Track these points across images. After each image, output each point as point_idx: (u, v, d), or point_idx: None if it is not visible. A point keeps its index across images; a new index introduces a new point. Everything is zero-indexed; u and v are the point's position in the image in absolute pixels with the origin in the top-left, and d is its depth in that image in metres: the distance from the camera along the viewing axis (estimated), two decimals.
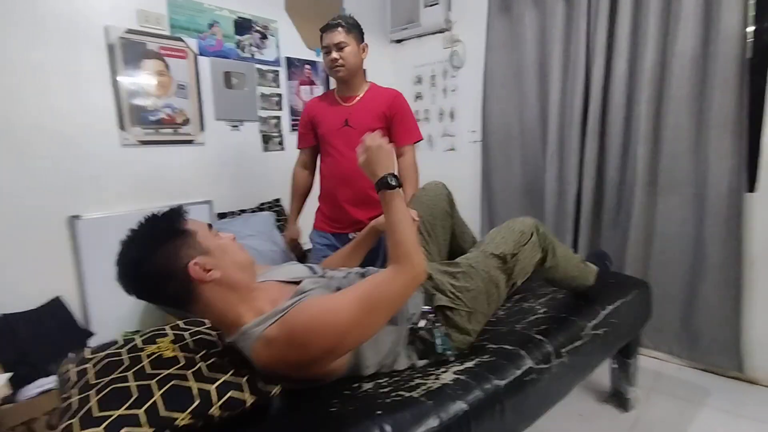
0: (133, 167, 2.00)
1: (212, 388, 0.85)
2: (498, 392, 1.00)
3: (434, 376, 1.01)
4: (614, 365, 1.74)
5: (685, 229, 1.97)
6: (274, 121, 2.55)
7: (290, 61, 2.60)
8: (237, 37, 2.35)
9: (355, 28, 1.72)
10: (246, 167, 2.43)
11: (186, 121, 2.16)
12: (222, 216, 2.29)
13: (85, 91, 1.85)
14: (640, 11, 2.00)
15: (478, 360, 1.09)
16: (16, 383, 1.47)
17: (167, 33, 2.07)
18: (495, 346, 1.16)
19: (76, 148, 1.83)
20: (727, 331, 1.88)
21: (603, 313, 1.39)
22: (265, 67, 2.48)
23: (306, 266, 1.19)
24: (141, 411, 0.79)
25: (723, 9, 1.75)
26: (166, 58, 2.06)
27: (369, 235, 1.36)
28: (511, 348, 1.14)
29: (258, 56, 2.44)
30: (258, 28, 2.43)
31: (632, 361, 1.68)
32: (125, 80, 1.94)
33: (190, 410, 0.82)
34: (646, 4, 1.96)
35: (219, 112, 2.29)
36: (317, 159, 1.92)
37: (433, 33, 2.87)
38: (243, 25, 2.37)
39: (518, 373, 1.06)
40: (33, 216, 1.73)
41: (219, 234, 0.99)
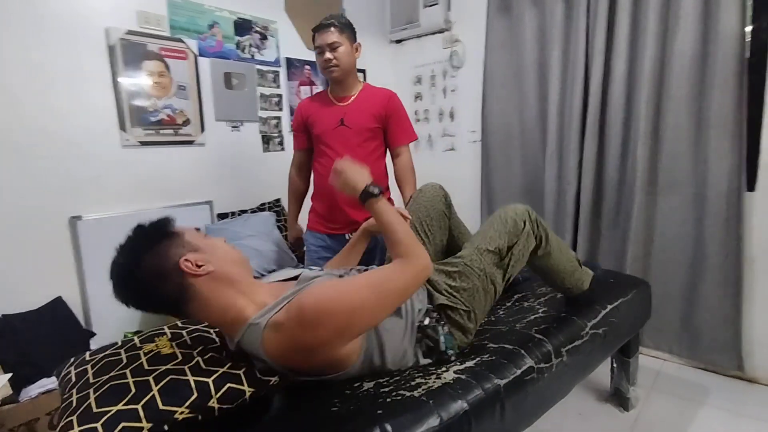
0: (134, 168, 2.01)
1: (210, 381, 0.85)
2: (498, 391, 1.00)
3: (435, 376, 1.02)
4: (614, 364, 1.74)
5: (685, 229, 1.97)
6: (274, 122, 2.56)
7: (290, 62, 2.60)
8: (237, 38, 2.35)
9: (348, 28, 1.71)
10: (246, 168, 2.44)
11: (186, 122, 2.16)
12: (222, 216, 2.30)
13: (86, 92, 1.85)
14: (640, 11, 2.00)
15: (479, 359, 1.09)
16: (18, 384, 1.47)
17: (167, 34, 2.08)
18: (495, 346, 1.17)
19: (77, 149, 1.84)
20: (727, 330, 1.88)
21: (603, 313, 1.40)
22: (265, 68, 2.49)
23: (305, 269, 1.20)
24: (139, 406, 0.79)
25: (722, 9, 1.76)
26: (167, 59, 2.07)
27: (362, 237, 1.36)
28: (512, 347, 1.14)
29: (258, 57, 2.45)
30: (258, 29, 2.44)
31: (632, 361, 1.68)
32: (126, 81, 1.95)
33: (189, 403, 0.82)
34: (646, 4, 1.96)
35: (219, 113, 2.29)
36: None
37: (433, 33, 2.87)
38: (243, 26, 2.37)
39: (518, 373, 1.06)
40: (34, 217, 1.74)
41: (208, 236, 1.00)
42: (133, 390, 0.82)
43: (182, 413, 0.81)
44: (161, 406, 0.80)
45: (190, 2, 2.16)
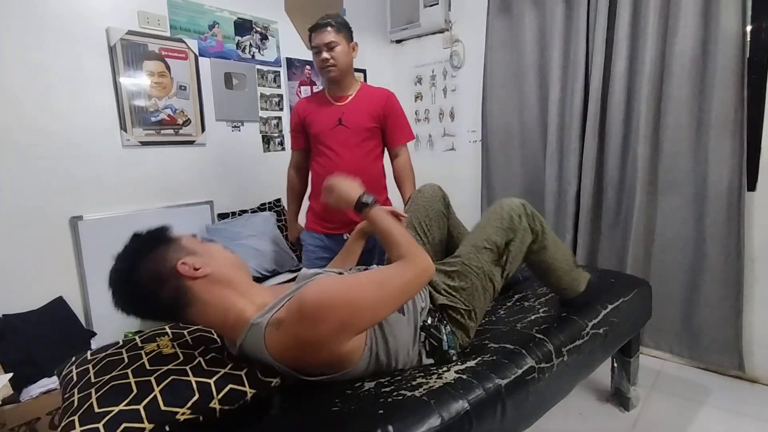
0: (135, 168, 2.01)
1: (212, 382, 0.85)
2: (499, 391, 1.00)
3: (436, 375, 1.02)
4: (615, 364, 1.74)
5: (686, 229, 1.97)
6: (275, 122, 2.56)
7: (290, 62, 2.60)
8: (237, 38, 2.35)
9: (345, 27, 1.71)
10: (247, 168, 2.44)
11: (187, 122, 2.16)
12: (223, 216, 2.30)
13: (87, 93, 1.85)
14: (640, 11, 2.00)
15: (480, 359, 1.09)
16: (19, 383, 1.47)
17: (168, 34, 2.08)
18: (496, 345, 1.17)
19: (78, 149, 1.84)
20: (728, 330, 1.88)
21: (604, 312, 1.40)
22: (266, 68, 2.49)
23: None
24: (141, 406, 0.79)
25: (722, 8, 1.76)
26: (167, 59, 2.07)
27: (358, 238, 1.36)
28: (513, 347, 1.15)
29: (258, 57, 2.45)
30: (258, 29, 2.44)
31: (633, 360, 1.68)
32: (126, 81, 1.95)
33: (190, 404, 0.82)
34: (646, 4, 1.96)
35: (220, 113, 2.29)
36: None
37: (433, 33, 2.87)
38: (243, 26, 2.37)
39: (519, 372, 1.06)
40: (35, 217, 1.74)
41: (205, 241, 1.00)
42: (135, 390, 0.82)
43: (184, 414, 0.81)
44: (163, 407, 0.80)
45: (191, 2, 2.16)
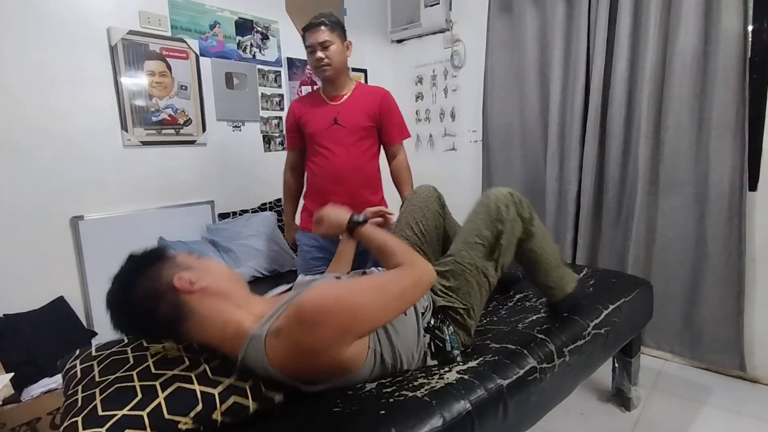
0: (136, 168, 2.01)
1: (216, 393, 0.85)
2: (501, 391, 1.00)
3: (438, 376, 1.01)
4: (616, 364, 1.74)
5: (687, 229, 1.97)
6: (276, 122, 2.56)
7: (291, 62, 2.60)
8: (238, 38, 2.35)
9: (339, 26, 1.71)
10: (247, 167, 2.44)
11: (188, 122, 2.16)
12: (223, 216, 2.30)
13: (88, 92, 1.85)
14: (641, 11, 2.00)
15: (481, 359, 1.09)
16: (19, 383, 1.47)
17: (169, 34, 2.08)
18: (498, 346, 1.17)
19: (79, 149, 1.84)
20: (729, 330, 1.88)
21: (605, 312, 1.40)
22: (267, 68, 2.49)
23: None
24: (144, 413, 0.79)
25: (723, 8, 1.76)
26: (168, 59, 2.07)
27: (348, 244, 1.35)
28: (514, 347, 1.14)
29: (259, 57, 2.45)
30: (259, 29, 2.44)
31: (634, 360, 1.68)
32: (127, 81, 1.95)
33: (194, 415, 0.82)
34: (647, 4, 1.96)
35: (220, 113, 2.29)
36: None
37: (434, 33, 2.87)
38: (244, 26, 2.37)
39: (521, 373, 1.06)
40: (36, 217, 1.74)
41: (200, 257, 1.00)
42: (140, 395, 0.82)
43: (186, 424, 0.81)
44: (166, 415, 0.79)
45: (192, 2, 2.16)
